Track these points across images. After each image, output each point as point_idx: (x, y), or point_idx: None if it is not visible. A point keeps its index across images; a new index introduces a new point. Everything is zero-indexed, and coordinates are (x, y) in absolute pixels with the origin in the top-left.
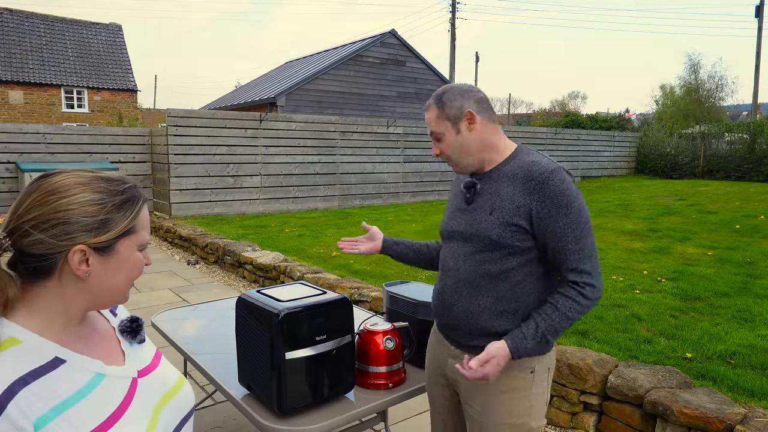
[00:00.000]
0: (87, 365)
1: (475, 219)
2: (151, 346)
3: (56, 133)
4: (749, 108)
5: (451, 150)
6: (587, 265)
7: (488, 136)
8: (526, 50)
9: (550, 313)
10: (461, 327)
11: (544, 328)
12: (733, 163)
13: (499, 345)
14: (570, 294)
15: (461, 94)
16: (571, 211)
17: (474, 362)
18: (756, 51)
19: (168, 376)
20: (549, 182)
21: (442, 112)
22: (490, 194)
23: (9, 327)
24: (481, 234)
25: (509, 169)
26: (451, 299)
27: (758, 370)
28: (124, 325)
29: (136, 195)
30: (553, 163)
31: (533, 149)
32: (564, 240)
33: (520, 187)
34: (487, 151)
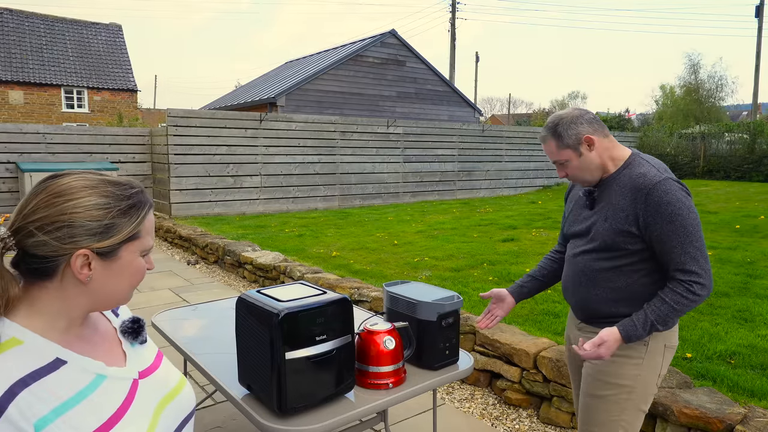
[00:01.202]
0: (88, 366)
1: (593, 223)
2: (153, 347)
3: (56, 133)
4: (749, 108)
5: (577, 171)
6: (694, 266)
7: (605, 151)
8: (526, 50)
9: (659, 305)
10: (582, 310)
11: (653, 318)
12: (733, 163)
13: (611, 330)
14: (678, 290)
15: (573, 121)
16: (674, 219)
17: (589, 345)
18: (756, 51)
19: (169, 377)
20: (653, 194)
21: (561, 142)
22: (605, 202)
23: (10, 327)
24: (598, 238)
25: (621, 179)
26: (572, 287)
27: (758, 370)
28: (125, 326)
29: (142, 200)
30: (660, 174)
31: (645, 157)
32: (669, 245)
33: (629, 197)
34: (606, 164)
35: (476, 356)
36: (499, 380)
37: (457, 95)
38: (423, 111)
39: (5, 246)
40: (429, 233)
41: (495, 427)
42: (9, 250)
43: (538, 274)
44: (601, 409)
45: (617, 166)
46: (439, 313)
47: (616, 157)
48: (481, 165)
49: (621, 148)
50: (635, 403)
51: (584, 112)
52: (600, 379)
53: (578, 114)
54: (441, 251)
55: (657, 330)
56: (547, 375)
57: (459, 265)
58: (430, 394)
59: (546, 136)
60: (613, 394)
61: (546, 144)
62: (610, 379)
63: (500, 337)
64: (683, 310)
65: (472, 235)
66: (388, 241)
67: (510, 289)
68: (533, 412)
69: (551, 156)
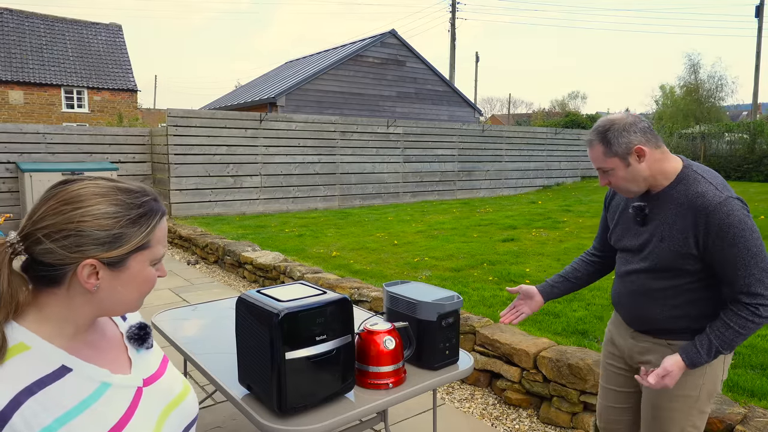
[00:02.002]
0: (93, 374)
1: (647, 241)
2: (159, 352)
3: (56, 133)
4: (749, 108)
5: (622, 182)
6: (759, 288)
7: (656, 163)
8: (526, 50)
9: (723, 330)
10: (640, 324)
11: (717, 344)
12: (733, 163)
13: (675, 360)
14: (742, 313)
15: (626, 129)
16: (737, 242)
17: (653, 377)
18: (756, 51)
19: (174, 384)
20: (715, 216)
21: (609, 149)
22: (660, 220)
23: (18, 332)
24: (654, 258)
25: (676, 196)
26: (627, 304)
27: (758, 370)
28: (132, 332)
29: (153, 209)
30: (720, 194)
31: (699, 171)
32: (733, 268)
33: (688, 218)
34: (655, 177)
35: (476, 356)
36: (499, 380)
37: (457, 95)
38: (423, 111)
39: (14, 251)
40: (429, 233)
41: (495, 427)
42: (18, 255)
43: (571, 276)
44: (667, 418)
45: (669, 179)
46: (439, 313)
47: (667, 171)
48: (481, 165)
49: (673, 160)
50: (700, 408)
51: (638, 120)
52: (663, 391)
53: (632, 121)
54: (441, 251)
55: (721, 354)
56: (547, 375)
57: (459, 265)
58: (430, 394)
59: (593, 141)
60: (679, 404)
61: (592, 148)
62: (675, 391)
63: (500, 337)
64: (748, 333)
65: (472, 235)
66: (388, 241)
67: (540, 287)
68: (533, 412)
69: (596, 162)
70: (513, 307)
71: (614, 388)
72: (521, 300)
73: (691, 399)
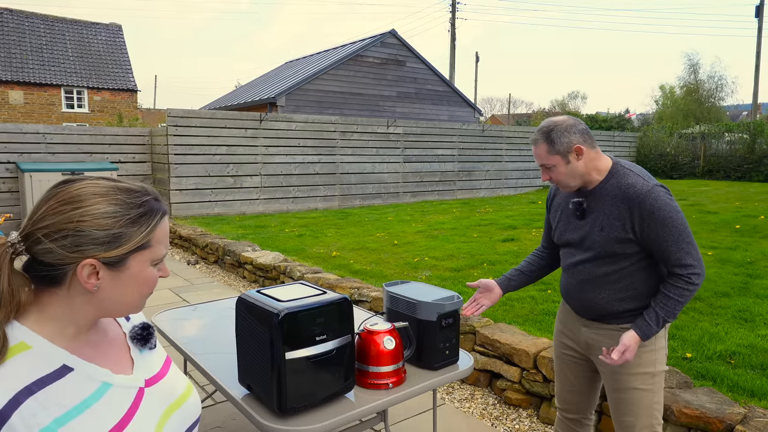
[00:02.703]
0: (94, 374)
1: (588, 233)
2: (161, 353)
3: (56, 133)
4: (749, 108)
5: (562, 177)
6: (688, 259)
7: (591, 161)
8: (526, 50)
9: (665, 301)
10: (591, 312)
11: (663, 315)
12: (733, 163)
13: (630, 335)
14: (679, 284)
15: (567, 129)
16: (666, 223)
17: (615, 354)
18: (756, 51)
19: (176, 385)
20: (645, 202)
21: (552, 147)
22: (597, 212)
23: (20, 331)
24: (596, 246)
25: (610, 189)
26: (577, 294)
27: (758, 370)
28: (135, 332)
29: (154, 208)
30: (647, 183)
31: (627, 166)
32: (665, 245)
33: (621, 207)
34: (590, 173)
35: (476, 356)
36: (499, 380)
37: (457, 95)
38: (423, 111)
39: (15, 251)
40: (429, 233)
41: (495, 427)
42: (19, 255)
43: (526, 270)
44: (634, 399)
45: (602, 175)
46: (439, 313)
47: (600, 168)
48: (481, 165)
49: (605, 159)
50: (659, 383)
51: (578, 122)
52: (624, 373)
53: (572, 123)
54: (441, 251)
55: (667, 323)
56: (547, 375)
57: (459, 265)
58: (430, 394)
59: (538, 140)
60: (641, 382)
61: (537, 146)
62: (632, 370)
63: (500, 337)
64: (686, 300)
65: (472, 235)
66: (388, 241)
67: (498, 280)
68: (533, 412)
69: (539, 159)
70: (474, 300)
71: (572, 376)
72: (481, 293)
73: (649, 375)
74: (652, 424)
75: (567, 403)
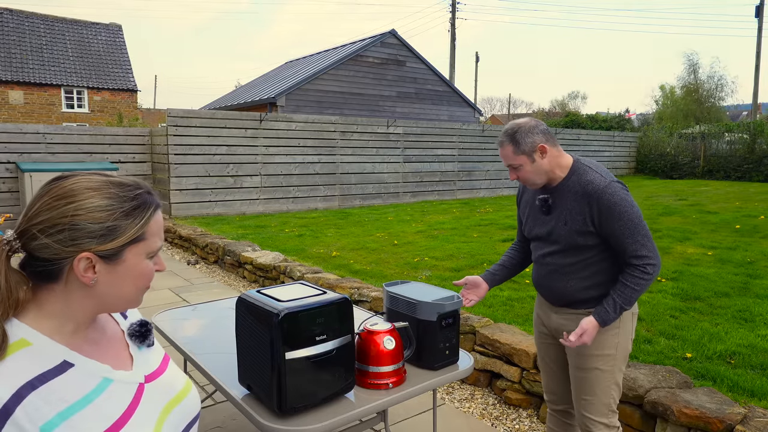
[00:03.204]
0: (94, 370)
1: (554, 228)
2: (160, 350)
3: (56, 133)
4: (749, 108)
5: (528, 175)
6: (644, 251)
7: (554, 159)
8: (526, 50)
9: (622, 289)
10: (560, 300)
11: (620, 302)
12: (733, 163)
13: (589, 320)
14: (635, 273)
15: (530, 131)
16: (622, 216)
17: (573, 336)
18: (756, 51)
19: (175, 382)
20: (602, 198)
21: (518, 148)
22: (561, 207)
23: (19, 328)
24: (561, 239)
25: (572, 186)
26: (546, 284)
27: (758, 370)
28: (133, 329)
29: (147, 201)
30: (605, 179)
31: (586, 163)
32: (621, 237)
33: (582, 202)
34: (554, 171)
35: (476, 356)
36: (499, 380)
37: (457, 95)
38: (423, 111)
39: (11, 249)
40: (429, 233)
41: (495, 427)
42: (15, 252)
43: (507, 264)
44: (594, 379)
45: (565, 172)
46: (439, 313)
47: (563, 165)
48: (481, 165)
49: (566, 156)
50: (619, 365)
51: (539, 123)
52: (587, 354)
53: (534, 124)
54: (441, 251)
55: (625, 310)
56: None
57: (459, 265)
58: (430, 394)
59: (504, 142)
60: (602, 363)
61: (503, 148)
62: (595, 351)
63: (500, 337)
64: (642, 289)
65: (472, 235)
66: (388, 241)
67: (484, 276)
68: (533, 412)
69: (506, 160)
70: (462, 296)
71: (551, 362)
72: (468, 289)
73: (610, 357)
74: (609, 402)
75: (552, 393)
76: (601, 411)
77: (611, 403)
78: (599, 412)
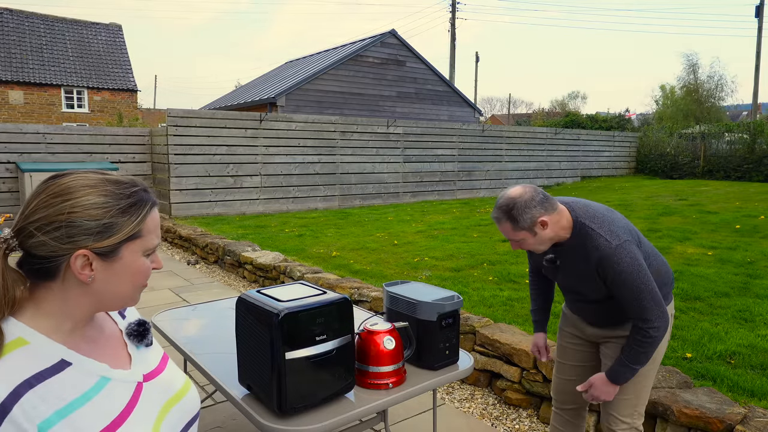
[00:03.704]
0: (92, 368)
1: (569, 284)
2: (158, 350)
3: (56, 133)
4: (749, 108)
5: (532, 246)
6: (647, 315)
7: (556, 225)
8: (526, 50)
9: (629, 351)
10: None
11: (629, 362)
12: (733, 163)
13: (599, 376)
14: (639, 336)
15: (527, 205)
16: (627, 284)
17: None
18: (756, 51)
19: (174, 380)
20: (608, 266)
21: (517, 225)
22: (571, 269)
23: (17, 327)
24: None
25: (578, 248)
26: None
27: (758, 370)
28: (131, 329)
29: (143, 198)
30: (610, 244)
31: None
32: (628, 301)
33: (590, 265)
34: (558, 234)
35: (476, 356)
36: (499, 380)
37: (457, 95)
38: (423, 111)
39: (8, 247)
40: (429, 233)
41: (495, 427)
42: (12, 250)
43: (544, 302)
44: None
45: (569, 232)
46: (439, 313)
47: (566, 226)
48: (481, 165)
49: (565, 215)
50: (655, 367)
51: (535, 193)
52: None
53: (529, 197)
54: (441, 251)
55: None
56: (547, 375)
57: (459, 265)
58: (430, 394)
59: (501, 219)
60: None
61: (501, 225)
62: None
63: (500, 337)
64: (649, 350)
65: (472, 235)
66: (388, 241)
67: (536, 329)
68: (533, 412)
69: (506, 235)
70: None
71: (572, 363)
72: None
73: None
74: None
75: (564, 393)
76: (629, 412)
77: (639, 404)
78: (627, 413)
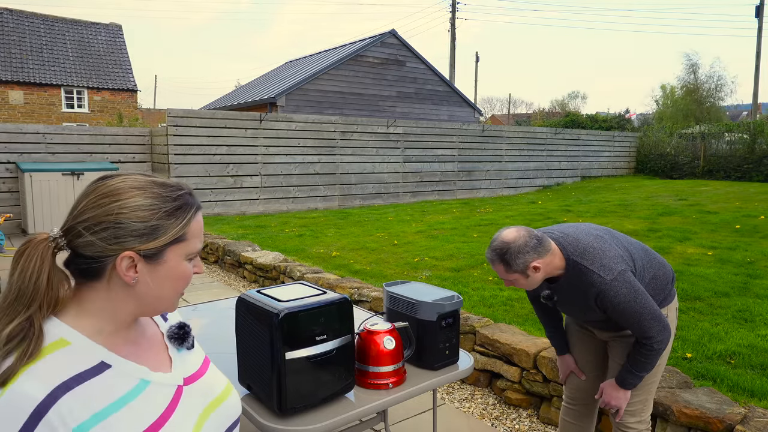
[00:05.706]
0: (132, 371)
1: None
2: (200, 352)
3: (56, 133)
4: (749, 108)
5: (524, 286)
6: (650, 332)
7: (549, 266)
8: (526, 50)
9: (634, 362)
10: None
11: (635, 371)
12: (733, 163)
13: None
14: (643, 350)
15: (520, 251)
16: (625, 312)
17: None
18: (756, 51)
19: (215, 384)
20: (606, 299)
21: (510, 268)
22: (569, 303)
23: (59, 327)
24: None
25: (574, 282)
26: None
27: (758, 370)
28: (172, 331)
29: (189, 202)
30: (605, 279)
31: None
32: (629, 324)
33: (588, 300)
34: (551, 273)
35: (476, 356)
36: (499, 380)
37: (457, 95)
38: (423, 111)
39: (57, 246)
40: (429, 233)
41: (495, 427)
42: (60, 249)
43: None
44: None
45: (563, 267)
46: (439, 313)
47: (559, 265)
48: (481, 165)
49: (558, 253)
50: (663, 363)
51: (528, 238)
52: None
53: (523, 241)
54: (441, 251)
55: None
56: (547, 375)
57: (459, 265)
58: (430, 394)
59: (494, 261)
60: None
61: (495, 266)
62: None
63: (500, 337)
64: (653, 359)
65: (472, 235)
66: (388, 241)
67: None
68: (533, 412)
69: (499, 275)
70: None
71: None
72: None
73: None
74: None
75: (577, 390)
76: (638, 408)
77: (649, 400)
78: (637, 410)
